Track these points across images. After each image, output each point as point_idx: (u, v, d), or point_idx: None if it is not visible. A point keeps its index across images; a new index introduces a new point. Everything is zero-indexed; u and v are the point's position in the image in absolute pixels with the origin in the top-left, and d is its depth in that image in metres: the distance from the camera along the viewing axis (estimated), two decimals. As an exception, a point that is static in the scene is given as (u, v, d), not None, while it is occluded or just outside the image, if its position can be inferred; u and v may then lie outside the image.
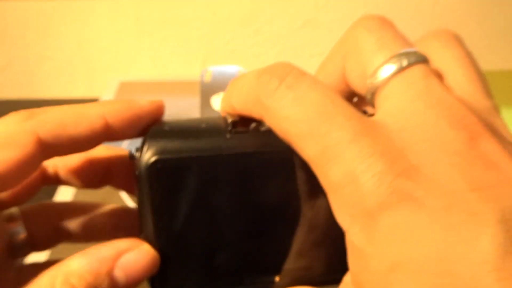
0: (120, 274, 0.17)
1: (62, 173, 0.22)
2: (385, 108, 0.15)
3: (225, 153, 0.18)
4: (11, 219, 0.21)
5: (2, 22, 0.66)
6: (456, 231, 0.12)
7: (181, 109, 0.56)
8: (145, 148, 0.18)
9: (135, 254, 0.18)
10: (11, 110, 0.19)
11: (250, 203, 0.18)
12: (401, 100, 0.15)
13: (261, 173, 0.18)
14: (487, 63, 0.77)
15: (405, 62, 0.15)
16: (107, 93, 0.64)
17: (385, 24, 0.17)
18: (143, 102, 0.19)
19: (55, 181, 0.22)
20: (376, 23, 0.16)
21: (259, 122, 0.18)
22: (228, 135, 0.18)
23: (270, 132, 0.17)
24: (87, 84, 0.73)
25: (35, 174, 0.21)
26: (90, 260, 0.17)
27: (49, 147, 0.17)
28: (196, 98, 0.53)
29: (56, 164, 0.22)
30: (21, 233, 0.21)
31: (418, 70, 0.15)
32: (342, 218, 0.14)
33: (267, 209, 0.19)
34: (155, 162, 0.17)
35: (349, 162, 0.14)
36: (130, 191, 0.23)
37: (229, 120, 0.18)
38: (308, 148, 0.15)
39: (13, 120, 0.17)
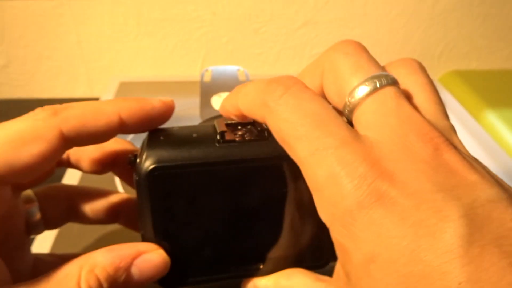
0: (135, 271, 0.20)
1: (73, 159, 0.25)
2: (362, 123, 0.17)
3: (214, 161, 0.20)
4: (28, 200, 0.24)
5: (1, 22, 0.66)
6: (424, 226, 0.14)
7: (181, 109, 0.56)
8: (144, 157, 0.20)
9: (150, 256, 0.20)
10: (11, 110, 0.20)
11: (237, 204, 0.21)
12: (375, 116, 0.17)
13: (247, 178, 0.20)
14: (487, 63, 0.77)
15: (378, 84, 0.17)
16: (107, 93, 0.64)
17: (360, 49, 0.19)
18: (155, 102, 0.21)
19: (66, 165, 0.25)
20: (353, 48, 0.19)
21: (245, 132, 0.20)
22: (217, 144, 0.20)
23: (254, 142, 0.20)
24: (87, 84, 0.73)
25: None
26: (113, 255, 0.19)
27: (70, 141, 0.20)
28: (196, 98, 0.53)
29: (69, 151, 0.24)
30: (37, 213, 0.24)
31: (389, 91, 0.17)
32: (325, 216, 0.16)
33: (252, 209, 0.21)
34: (153, 169, 0.19)
35: (334, 165, 0.16)
36: (125, 180, 0.26)
37: (218, 130, 0.20)
38: (300, 149, 0.17)
39: (39, 116, 0.19)
